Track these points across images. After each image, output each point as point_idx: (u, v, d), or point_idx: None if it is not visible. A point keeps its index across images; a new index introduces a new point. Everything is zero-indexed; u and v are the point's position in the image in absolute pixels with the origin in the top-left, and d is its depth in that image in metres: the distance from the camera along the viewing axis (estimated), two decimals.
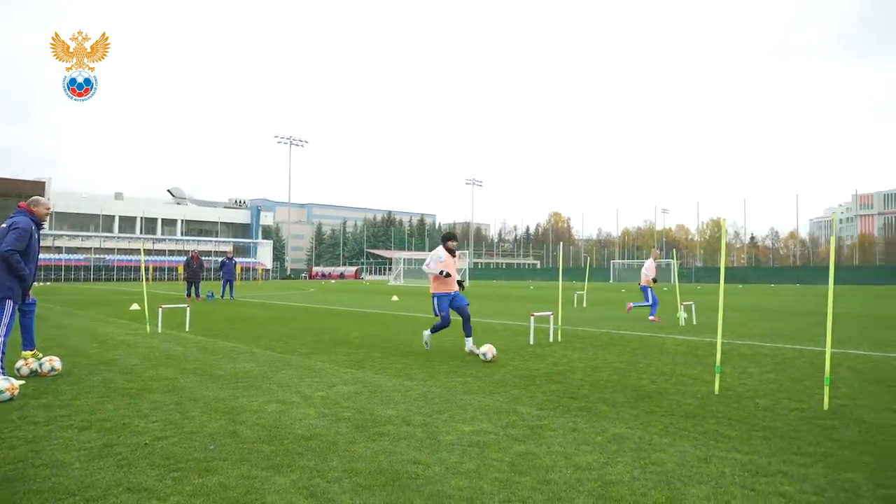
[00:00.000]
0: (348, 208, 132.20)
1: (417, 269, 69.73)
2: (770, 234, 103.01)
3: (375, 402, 5.26)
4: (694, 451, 3.87)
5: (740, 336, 10.47)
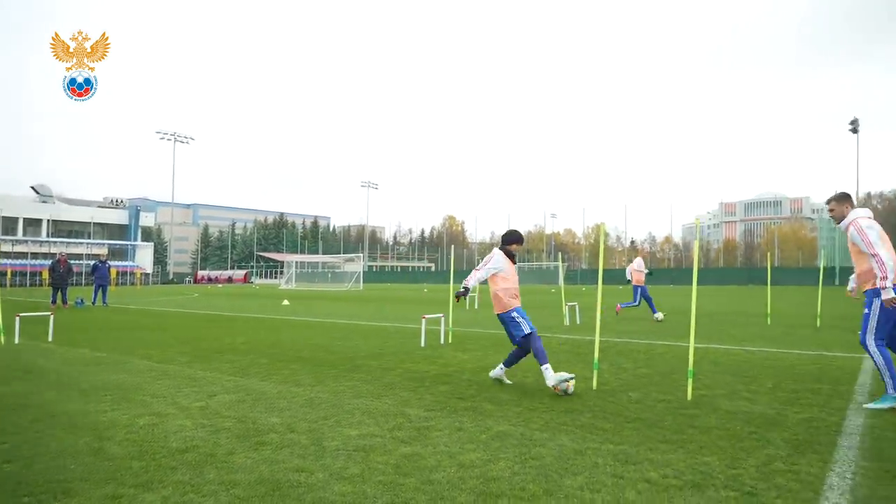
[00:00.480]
0: (237, 209, 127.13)
1: (311, 272, 68.37)
2: (648, 239, 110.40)
3: (259, 411, 5.09)
4: (571, 445, 4.07)
5: (618, 334, 11.11)
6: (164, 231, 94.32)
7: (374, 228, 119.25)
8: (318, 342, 10.08)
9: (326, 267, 70.27)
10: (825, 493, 3.19)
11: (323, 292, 38.78)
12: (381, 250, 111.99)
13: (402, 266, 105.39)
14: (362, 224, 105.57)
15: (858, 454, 3.84)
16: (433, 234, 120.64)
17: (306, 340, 10.36)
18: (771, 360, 7.76)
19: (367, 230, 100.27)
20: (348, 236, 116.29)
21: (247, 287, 58.08)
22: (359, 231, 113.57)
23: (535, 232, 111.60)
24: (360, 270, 53.58)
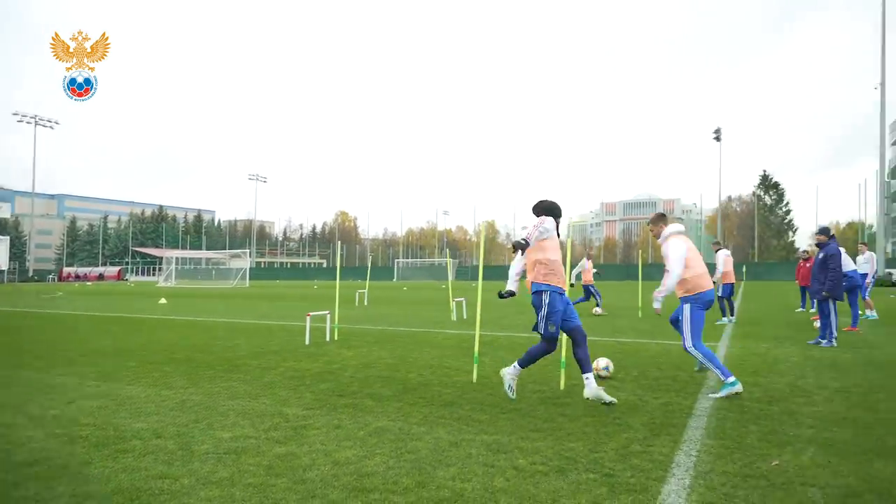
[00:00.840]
0: (110, 201, 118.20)
1: (194, 269, 64.96)
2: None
3: (122, 416, 4.78)
4: (447, 437, 4.16)
5: (503, 328, 11.48)
6: (24, 223, 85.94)
7: (262, 223, 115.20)
8: (196, 342, 9.62)
9: (211, 263, 67.08)
10: (673, 470, 3.47)
11: (206, 290, 36.98)
12: (270, 246, 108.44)
13: (292, 262, 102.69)
14: (250, 218, 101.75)
15: (704, 434, 4.22)
16: (325, 229, 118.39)
17: (183, 341, 9.85)
18: (640, 351, 8.34)
19: (254, 225, 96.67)
20: (235, 231, 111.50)
21: (120, 285, 54.21)
22: (246, 226, 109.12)
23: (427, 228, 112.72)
24: (246, 267, 51.60)
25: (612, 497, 3.07)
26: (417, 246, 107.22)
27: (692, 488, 3.19)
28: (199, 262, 70.19)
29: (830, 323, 8.79)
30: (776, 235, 72.10)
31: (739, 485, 3.23)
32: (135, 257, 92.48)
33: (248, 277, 49.21)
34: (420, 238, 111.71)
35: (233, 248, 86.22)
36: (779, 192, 73.40)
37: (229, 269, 59.25)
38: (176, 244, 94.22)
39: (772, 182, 73.48)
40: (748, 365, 7.09)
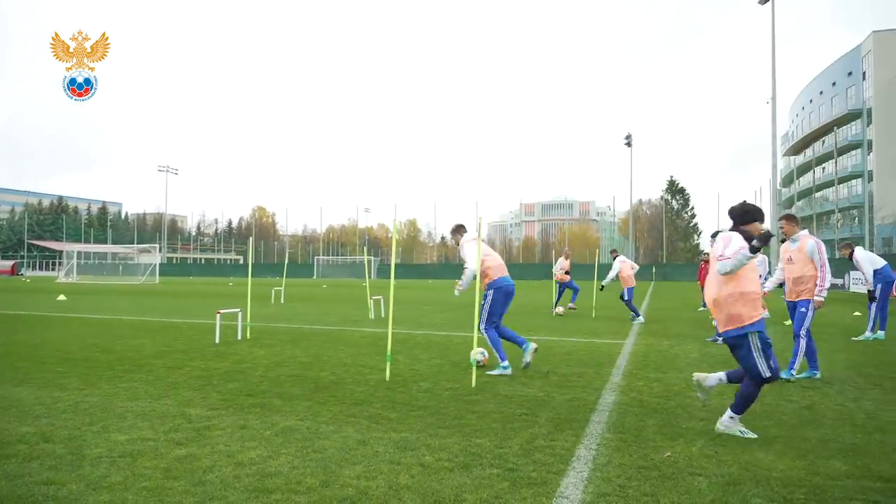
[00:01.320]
0: (3, 190, 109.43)
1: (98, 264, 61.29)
2: None
3: (8, 420, 4.46)
4: (355, 435, 4.14)
5: (420, 326, 11.52)
6: None
7: (174, 217, 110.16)
8: (96, 341, 9.09)
9: (118, 258, 63.63)
10: (573, 463, 3.61)
11: (111, 286, 34.99)
12: (183, 241, 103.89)
13: (206, 258, 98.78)
14: (160, 212, 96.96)
15: (605, 428, 4.41)
16: (241, 225, 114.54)
17: (81, 340, 9.29)
18: (550, 348, 8.58)
19: (165, 219, 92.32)
20: (144, 225, 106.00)
21: (14, 280, 50.36)
22: (156, 219, 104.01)
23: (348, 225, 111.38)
24: (156, 262, 49.26)
25: (513, 491, 3.16)
26: (338, 243, 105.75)
27: (589, 480, 3.33)
28: (104, 256, 66.37)
29: None
30: (683, 238, 76.18)
31: (634, 476, 3.40)
32: (31, 251, 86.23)
33: (157, 273, 46.96)
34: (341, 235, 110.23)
35: (142, 242, 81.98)
36: (685, 196, 77.59)
37: (137, 264, 56.38)
38: (78, 237, 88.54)
39: (678, 187, 77.55)
40: (651, 361, 7.47)
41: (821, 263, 6.32)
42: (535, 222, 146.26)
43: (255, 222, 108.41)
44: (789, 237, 6.66)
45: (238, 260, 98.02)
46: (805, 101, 73.01)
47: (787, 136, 75.28)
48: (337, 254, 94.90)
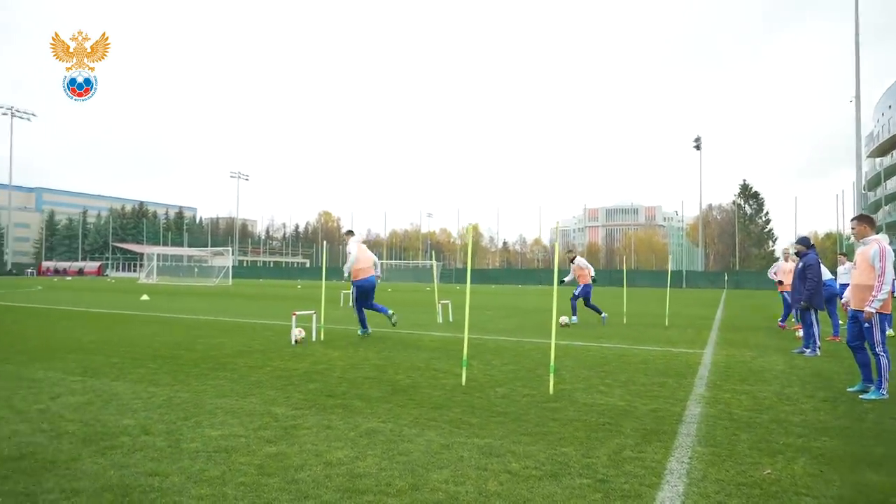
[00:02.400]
0: (90, 195, 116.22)
1: (175, 266, 64.22)
2: (519, 240, 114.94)
3: (109, 412, 4.70)
4: (438, 439, 4.14)
5: (489, 332, 11.48)
6: (1, 216, 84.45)
7: (244, 221, 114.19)
8: (180, 340, 9.50)
9: (193, 261, 66.45)
10: (666, 476, 3.49)
11: (188, 287, 36.59)
12: (253, 244, 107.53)
13: (274, 261, 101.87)
14: (232, 216, 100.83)
15: (695, 440, 4.25)
16: (308, 229, 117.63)
17: (166, 338, 9.73)
18: (625, 357, 8.38)
19: (236, 223, 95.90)
20: (216, 229, 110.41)
21: (101, 280, 53.43)
22: (228, 223, 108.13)
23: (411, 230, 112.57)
24: (229, 265, 51.10)
25: (606, 502, 3.08)
26: (401, 248, 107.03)
27: (686, 495, 3.20)
28: (180, 259, 69.46)
29: (813, 332, 8.90)
30: (756, 244, 73.03)
31: (734, 493, 3.25)
32: (115, 253, 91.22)
33: (230, 276, 48.78)
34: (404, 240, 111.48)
35: (214, 245, 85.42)
36: (759, 201, 74.38)
37: (211, 266, 58.68)
38: (157, 240, 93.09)
39: (752, 191, 74.44)
40: (734, 373, 7.16)
41: (880, 271, 5.86)
42: (599, 227, 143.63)
43: (322, 227, 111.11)
44: (860, 239, 6.25)
45: (305, 263, 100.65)
46: (892, 100, 68.75)
47: (871, 137, 71.03)
48: (400, 258, 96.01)
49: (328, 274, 59.48)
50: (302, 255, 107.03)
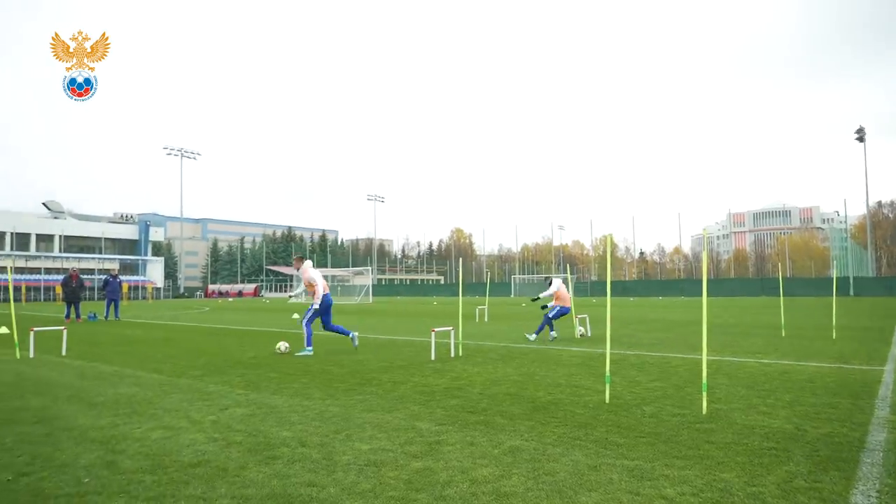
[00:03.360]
0: (246, 223, 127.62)
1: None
2: (657, 250, 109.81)
3: (270, 424, 5.06)
4: (585, 460, 4.01)
5: (630, 346, 11.02)
6: (174, 246, 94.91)
7: (381, 241, 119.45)
8: (328, 356, 10.05)
9: (336, 280, 70.36)
10: None
11: (333, 306, 38.76)
12: (390, 263, 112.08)
13: (410, 279, 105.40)
14: (370, 237, 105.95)
15: (883, 471, 3.76)
16: (441, 246, 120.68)
17: (316, 354, 10.34)
18: (788, 373, 7.65)
19: (374, 243, 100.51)
20: (356, 249, 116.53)
21: (257, 301, 58.25)
22: (367, 244, 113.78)
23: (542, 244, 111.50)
24: (369, 283, 53.57)
25: None
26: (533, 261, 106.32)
27: None
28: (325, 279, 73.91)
29: None
30: None
31: None
32: (268, 275, 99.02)
33: (371, 294, 51.09)
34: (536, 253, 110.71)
35: (355, 265, 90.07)
36: None
37: (353, 285, 61.76)
38: None
39: None
40: None
41: None
42: (747, 233, 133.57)
43: (454, 243, 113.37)
44: None
45: (439, 280, 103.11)
46: None
47: None
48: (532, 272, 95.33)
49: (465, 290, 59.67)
50: (436, 272, 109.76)
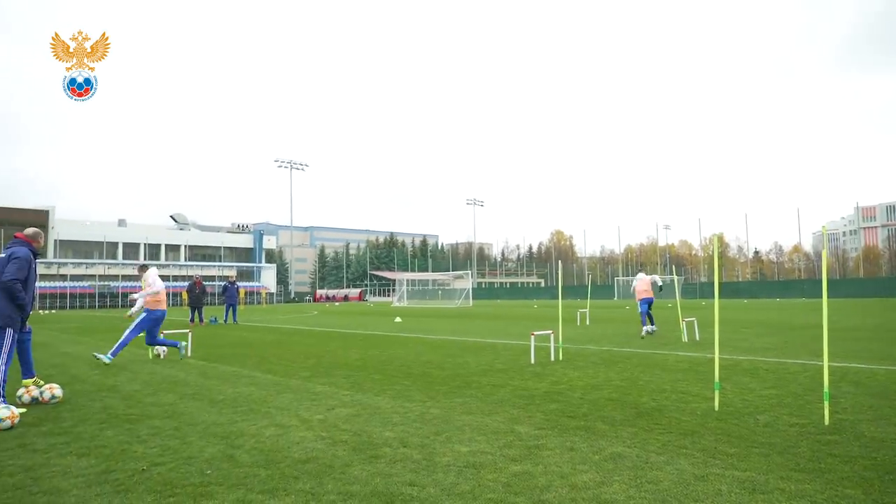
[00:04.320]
0: (350, 230, 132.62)
1: (421, 289, 69.84)
2: (774, 249, 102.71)
3: (373, 425, 5.26)
4: (691, 469, 3.86)
5: (743, 351, 10.42)
6: (285, 253, 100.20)
7: (481, 245, 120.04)
8: (429, 359, 10.26)
9: (436, 284, 71.52)
10: None
11: (433, 309, 39.46)
12: (489, 267, 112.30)
13: (510, 282, 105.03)
14: (469, 241, 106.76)
15: None
16: (541, 249, 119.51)
17: (417, 357, 10.58)
18: None
19: (474, 247, 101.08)
20: (456, 254, 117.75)
21: (361, 305, 60.31)
22: (466, 248, 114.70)
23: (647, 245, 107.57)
24: (469, 287, 53.98)
25: None
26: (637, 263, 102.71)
27: None
28: (426, 283, 75.27)
29: None
30: None
31: None
32: (372, 280, 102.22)
33: (471, 297, 51.46)
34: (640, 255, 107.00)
35: (455, 269, 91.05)
36: None
37: (453, 289, 62.49)
38: (405, 267, 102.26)
39: None
40: None
41: None
42: (878, 228, 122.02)
43: (554, 246, 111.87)
44: None
45: (539, 283, 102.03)
46: None
47: None
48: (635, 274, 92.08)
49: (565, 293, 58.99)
50: (536, 275, 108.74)
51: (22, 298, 6.14)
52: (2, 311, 6.05)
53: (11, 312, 6.10)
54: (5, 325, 6.05)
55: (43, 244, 6.66)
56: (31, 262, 6.33)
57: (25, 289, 6.22)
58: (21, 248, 6.31)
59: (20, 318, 6.22)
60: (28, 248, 6.39)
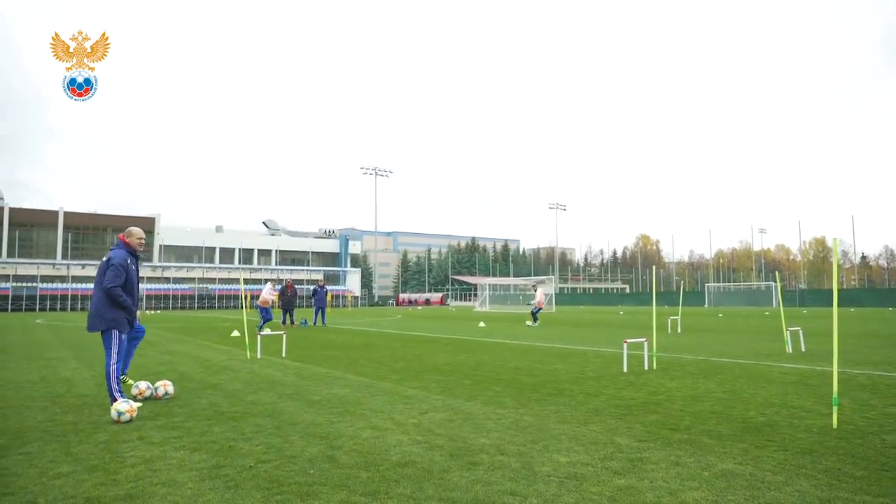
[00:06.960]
0: (432, 235, 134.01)
1: (503, 294, 69.62)
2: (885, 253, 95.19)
3: (468, 430, 5.23)
4: (814, 492, 3.58)
5: (857, 365, 9.67)
6: (369, 257, 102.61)
7: (563, 250, 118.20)
8: (518, 364, 10.15)
9: (518, 289, 71.00)
10: None
11: (516, 314, 39.15)
12: (572, 272, 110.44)
13: (594, 288, 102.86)
14: (552, 246, 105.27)
15: None
16: (626, 254, 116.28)
17: (505, 362, 10.49)
18: None
19: (556, 252, 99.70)
20: (538, 258, 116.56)
21: (443, 309, 60.77)
22: (548, 253, 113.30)
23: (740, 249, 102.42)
24: (551, 292, 53.27)
25: None
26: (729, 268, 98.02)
27: None
28: (507, 288, 74.96)
29: None
30: None
31: None
32: (454, 284, 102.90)
33: (553, 303, 50.74)
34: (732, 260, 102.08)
35: (537, 274, 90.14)
36: None
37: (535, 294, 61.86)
38: (487, 272, 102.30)
39: None
40: None
41: None
42: None
43: (640, 250, 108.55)
44: None
45: (624, 289, 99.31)
46: None
47: None
48: (728, 280, 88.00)
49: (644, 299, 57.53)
50: (621, 281, 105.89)
51: (125, 301, 6.40)
52: (105, 314, 6.32)
53: (115, 315, 6.37)
54: (110, 328, 6.37)
55: (140, 240, 6.80)
56: (128, 265, 6.52)
57: (126, 291, 6.45)
58: (118, 253, 6.52)
59: (126, 318, 6.51)
60: (125, 251, 6.59)
